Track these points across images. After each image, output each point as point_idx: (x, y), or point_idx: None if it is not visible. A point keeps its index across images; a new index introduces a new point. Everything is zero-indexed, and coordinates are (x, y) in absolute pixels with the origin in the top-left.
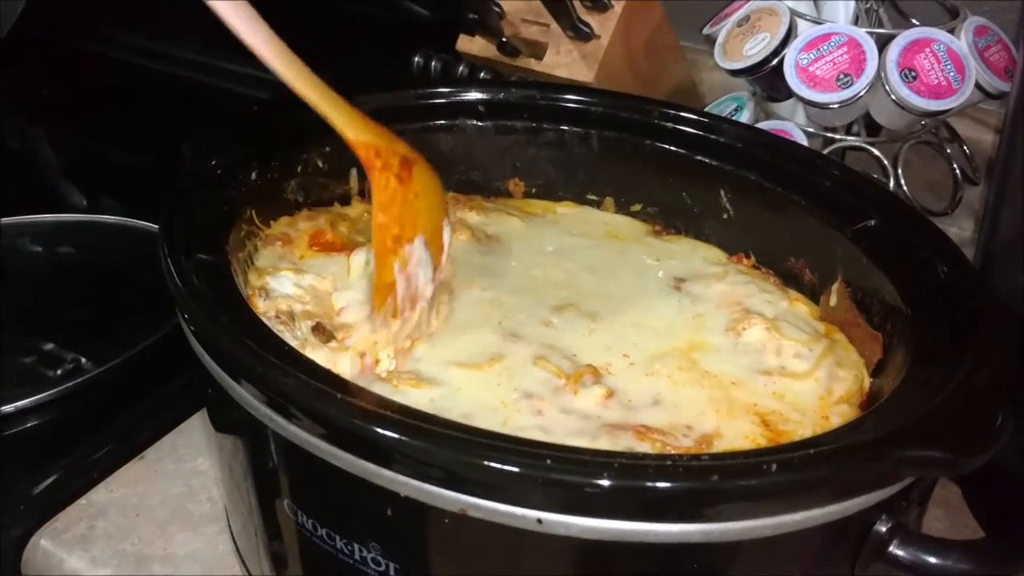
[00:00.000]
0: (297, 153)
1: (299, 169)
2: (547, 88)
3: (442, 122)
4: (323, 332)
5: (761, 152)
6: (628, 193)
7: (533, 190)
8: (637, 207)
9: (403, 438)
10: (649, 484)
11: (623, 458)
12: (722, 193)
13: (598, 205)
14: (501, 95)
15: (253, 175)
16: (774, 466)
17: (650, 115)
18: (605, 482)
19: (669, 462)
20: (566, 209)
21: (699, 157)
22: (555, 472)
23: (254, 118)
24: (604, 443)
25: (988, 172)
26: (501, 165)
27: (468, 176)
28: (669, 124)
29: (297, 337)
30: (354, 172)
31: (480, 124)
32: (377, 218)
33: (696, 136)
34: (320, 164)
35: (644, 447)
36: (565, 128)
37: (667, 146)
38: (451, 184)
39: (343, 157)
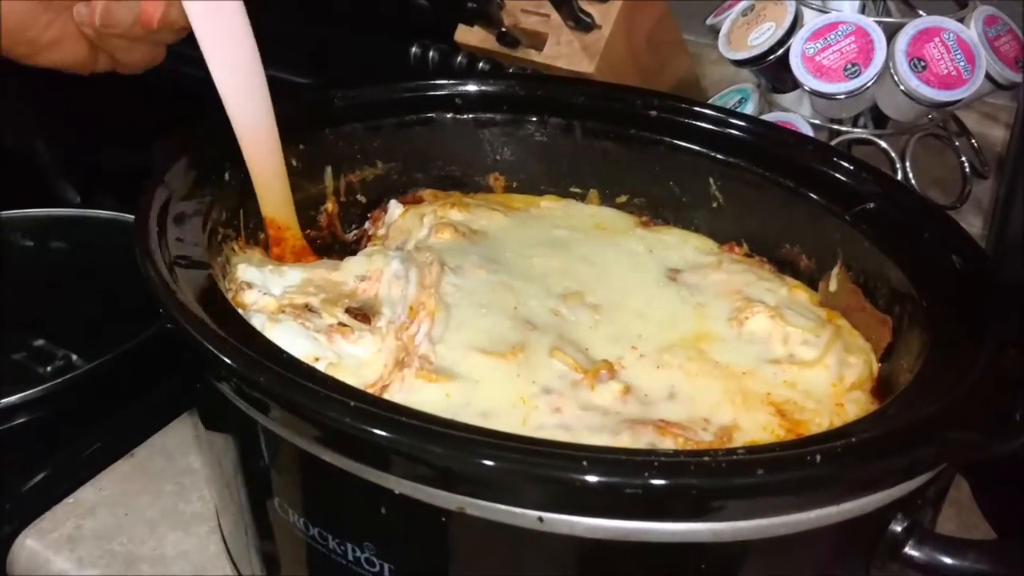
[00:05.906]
0: None
1: None
2: (526, 79)
3: (418, 116)
4: (359, 313)
5: (750, 138)
6: (613, 185)
7: (514, 184)
8: (623, 199)
9: (390, 435)
10: (693, 482)
11: (661, 455)
12: (711, 181)
13: (582, 198)
14: (480, 87)
15: (226, 176)
16: (818, 457)
17: (633, 104)
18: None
19: (707, 458)
20: (549, 203)
21: (686, 145)
22: (561, 471)
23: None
24: (625, 440)
25: (997, 167)
26: (480, 159)
27: (446, 171)
28: (653, 112)
29: (321, 329)
30: (328, 170)
31: (458, 117)
32: None
33: (682, 124)
34: (294, 163)
35: (666, 442)
36: (547, 119)
37: (652, 135)
38: (429, 180)
39: (317, 156)
